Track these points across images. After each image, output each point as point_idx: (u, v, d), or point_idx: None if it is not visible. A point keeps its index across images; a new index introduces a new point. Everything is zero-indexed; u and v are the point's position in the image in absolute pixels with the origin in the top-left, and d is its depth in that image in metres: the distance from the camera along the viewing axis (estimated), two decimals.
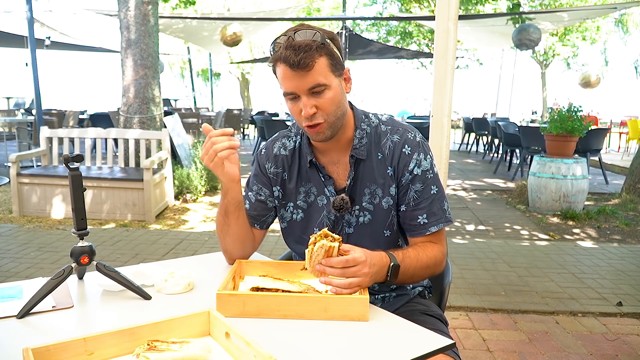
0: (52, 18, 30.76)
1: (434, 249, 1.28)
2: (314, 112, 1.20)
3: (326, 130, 1.24)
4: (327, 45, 1.19)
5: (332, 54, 1.20)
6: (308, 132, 1.26)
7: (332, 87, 1.21)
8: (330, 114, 1.22)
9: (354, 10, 21.53)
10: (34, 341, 0.86)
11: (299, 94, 1.19)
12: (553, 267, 3.65)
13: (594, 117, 11.60)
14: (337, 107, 1.23)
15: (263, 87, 32.82)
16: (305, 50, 1.14)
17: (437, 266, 1.29)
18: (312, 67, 1.16)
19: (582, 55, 20.47)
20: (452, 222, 1.32)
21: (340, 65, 1.23)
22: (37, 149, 5.60)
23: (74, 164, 1.14)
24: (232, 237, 1.34)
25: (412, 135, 1.33)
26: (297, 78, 1.17)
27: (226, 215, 1.32)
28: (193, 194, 5.72)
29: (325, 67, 1.19)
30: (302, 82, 1.17)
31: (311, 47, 1.15)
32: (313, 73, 1.17)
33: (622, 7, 11.69)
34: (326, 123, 1.23)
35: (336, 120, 1.25)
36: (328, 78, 1.20)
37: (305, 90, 1.18)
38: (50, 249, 3.89)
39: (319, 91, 1.19)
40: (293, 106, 1.23)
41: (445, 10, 2.71)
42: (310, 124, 1.22)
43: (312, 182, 1.35)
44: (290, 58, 1.14)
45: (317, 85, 1.18)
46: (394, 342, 0.97)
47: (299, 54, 1.14)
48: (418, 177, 1.29)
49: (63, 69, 38.73)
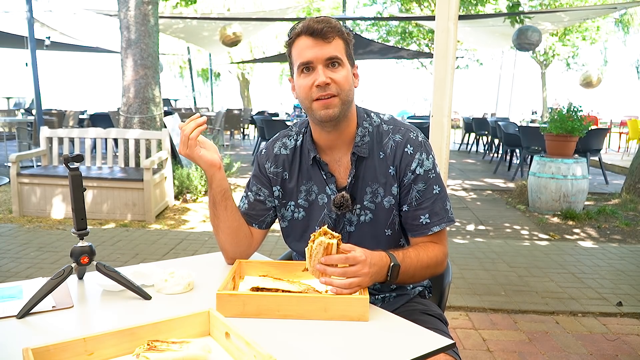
0: (52, 18, 30.79)
1: (435, 249, 1.28)
2: (329, 82, 1.22)
3: (336, 107, 1.23)
4: (344, 33, 1.26)
5: (348, 43, 1.27)
6: (317, 108, 1.24)
7: (346, 67, 1.25)
8: (343, 90, 1.24)
9: (354, 10, 21.53)
10: (34, 341, 0.86)
11: (316, 63, 1.22)
12: (553, 267, 3.65)
13: (594, 117, 11.59)
14: (349, 89, 1.26)
15: (263, 87, 32.84)
16: (327, 23, 1.22)
17: (438, 266, 1.29)
18: (331, 40, 1.22)
19: (582, 55, 20.46)
20: (454, 222, 1.33)
21: (352, 58, 1.29)
22: (37, 149, 5.60)
23: (74, 164, 1.14)
24: (224, 230, 1.35)
25: (415, 134, 1.33)
26: (317, 47, 1.22)
27: (214, 207, 1.33)
28: (193, 194, 5.72)
29: (342, 48, 1.25)
30: (321, 51, 1.21)
31: (332, 23, 1.23)
32: (332, 46, 1.22)
33: (622, 7, 11.68)
34: (338, 98, 1.23)
35: (347, 101, 1.25)
36: (344, 58, 1.25)
37: (323, 59, 1.22)
38: (50, 249, 3.89)
39: (335, 64, 1.23)
40: (306, 79, 1.24)
41: (445, 10, 2.71)
42: (324, 93, 1.22)
43: (313, 181, 1.35)
44: (312, 27, 1.21)
45: (335, 57, 1.22)
46: (394, 342, 0.97)
47: (322, 24, 1.21)
48: (420, 177, 1.29)
49: (63, 69, 38.79)
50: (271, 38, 20.86)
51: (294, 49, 1.25)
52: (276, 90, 30.18)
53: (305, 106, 1.27)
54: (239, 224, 1.36)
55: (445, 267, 1.33)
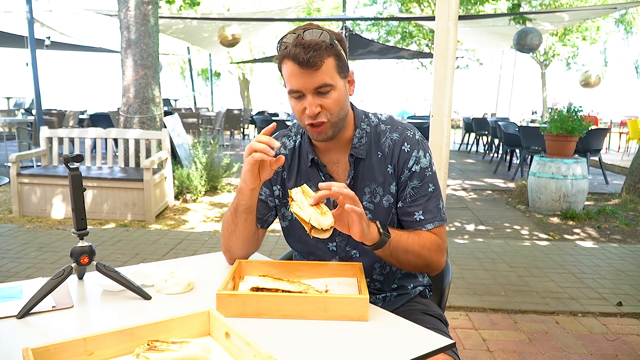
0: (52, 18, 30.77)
1: (431, 236, 1.28)
2: (319, 111, 1.21)
3: (328, 130, 1.24)
4: (335, 47, 1.20)
5: (340, 56, 1.22)
6: (310, 132, 1.26)
7: (337, 88, 1.22)
8: (333, 114, 1.23)
9: (354, 10, 21.51)
10: (34, 341, 0.86)
11: (305, 92, 1.20)
12: (553, 267, 3.65)
13: (594, 117, 11.59)
14: (340, 109, 1.24)
15: (263, 87, 32.85)
16: (315, 49, 1.15)
17: (435, 252, 1.27)
18: (320, 66, 1.17)
19: (582, 55, 20.47)
20: (446, 222, 1.32)
21: (345, 67, 1.25)
22: (37, 149, 5.60)
23: (73, 164, 1.14)
24: (238, 237, 1.34)
25: (412, 133, 1.33)
26: (305, 76, 1.18)
27: (236, 216, 1.32)
28: (193, 194, 5.72)
29: (333, 67, 1.20)
30: (309, 80, 1.18)
31: (320, 46, 1.16)
32: (320, 73, 1.18)
33: (622, 7, 11.68)
34: (329, 123, 1.23)
35: (339, 121, 1.25)
36: (334, 79, 1.21)
37: (312, 89, 1.19)
38: (50, 249, 3.89)
39: (324, 91, 1.20)
40: (297, 104, 1.23)
41: (445, 10, 2.71)
42: (314, 122, 1.22)
43: (311, 182, 1.35)
44: (299, 56, 1.15)
45: (323, 85, 1.19)
46: (394, 342, 0.97)
47: (308, 52, 1.15)
48: (416, 174, 1.29)
49: (63, 69, 38.76)
50: (271, 38, 20.85)
51: (283, 68, 1.22)
52: (276, 90, 30.20)
53: (301, 125, 1.29)
54: (253, 234, 1.36)
55: (444, 262, 1.32)
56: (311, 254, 1.39)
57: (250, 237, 1.36)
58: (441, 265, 1.31)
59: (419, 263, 1.28)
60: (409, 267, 1.30)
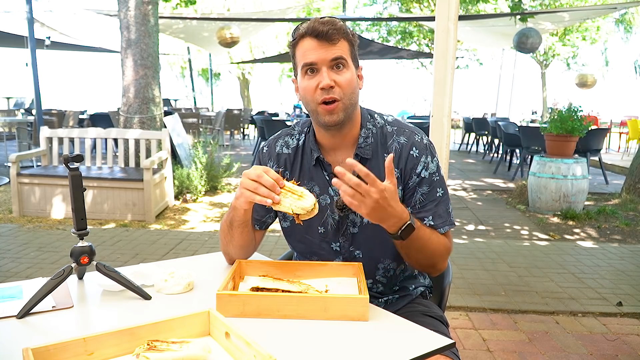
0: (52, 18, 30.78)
1: (444, 240, 1.29)
2: (332, 85, 1.21)
3: (340, 112, 1.23)
4: (349, 34, 1.25)
5: (352, 44, 1.26)
6: (321, 113, 1.23)
7: (350, 69, 1.24)
8: (346, 94, 1.23)
9: (354, 10, 21.53)
10: (34, 341, 0.86)
11: (321, 65, 1.21)
12: (553, 267, 3.65)
13: (594, 117, 11.58)
14: (352, 92, 1.25)
15: (263, 87, 32.83)
16: (332, 25, 1.21)
17: (442, 257, 1.28)
18: (337, 42, 1.21)
19: (582, 55, 20.47)
20: (454, 225, 1.32)
21: (357, 59, 1.29)
22: (37, 149, 5.60)
23: (73, 164, 1.14)
24: (235, 245, 1.34)
25: (420, 137, 1.32)
26: (321, 48, 1.21)
27: (231, 227, 1.31)
28: (193, 194, 5.72)
29: (347, 50, 1.24)
30: (326, 53, 1.20)
31: (337, 24, 1.22)
32: (336, 47, 1.21)
33: (622, 7, 11.68)
34: (341, 103, 1.23)
35: (350, 105, 1.25)
36: (348, 59, 1.24)
37: (328, 61, 1.21)
38: (50, 249, 3.89)
39: (339, 65, 1.22)
40: (310, 81, 1.23)
41: (445, 10, 2.71)
42: (327, 97, 1.21)
43: (315, 181, 1.35)
44: (317, 28, 1.20)
45: (339, 58, 1.21)
46: (394, 342, 0.97)
47: (326, 26, 1.20)
48: (425, 180, 1.29)
49: (63, 69, 38.75)
50: (271, 38, 20.87)
51: (297, 50, 1.24)
52: (276, 90, 30.22)
53: (310, 108, 1.26)
54: (250, 241, 1.36)
55: (445, 266, 1.33)
56: (314, 254, 1.38)
57: (248, 243, 1.36)
58: (443, 268, 1.33)
59: (427, 263, 1.28)
60: (417, 264, 1.30)
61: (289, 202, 1.12)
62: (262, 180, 1.12)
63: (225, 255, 1.40)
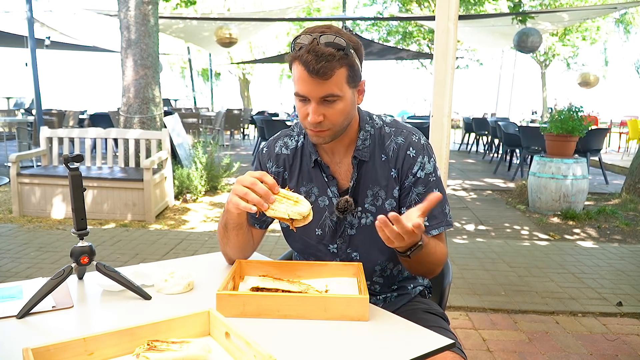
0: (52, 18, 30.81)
1: (443, 248, 1.29)
2: (321, 120, 1.19)
3: (327, 137, 1.24)
4: (349, 57, 1.16)
5: (353, 66, 1.18)
6: (309, 134, 1.26)
7: (344, 99, 1.19)
8: (336, 124, 1.21)
9: (354, 10, 21.52)
10: (34, 341, 0.86)
11: (311, 99, 1.18)
12: (553, 267, 3.65)
13: (594, 117, 11.59)
14: (344, 119, 1.23)
15: (263, 87, 32.83)
16: (328, 60, 1.12)
17: (440, 264, 1.29)
18: (329, 77, 1.14)
19: (582, 55, 20.47)
20: (452, 226, 1.32)
21: (358, 77, 1.22)
22: (37, 149, 5.59)
23: (73, 164, 1.14)
24: (232, 247, 1.34)
25: (417, 137, 1.32)
26: (312, 84, 1.15)
27: (226, 229, 1.31)
28: (193, 194, 5.72)
29: (343, 78, 1.17)
30: (316, 89, 1.15)
31: (334, 57, 1.13)
32: (329, 83, 1.15)
33: (622, 7, 11.69)
34: (330, 131, 1.22)
35: (341, 129, 1.24)
36: (342, 89, 1.18)
37: (318, 98, 1.17)
38: (50, 249, 3.89)
39: (330, 101, 1.18)
40: (301, 107, 1.22)
41: (445, 10, 2.71)
42: (314, 130, 1.22)
43: (313, 182, 1.35)
44: (310, 64, 1.12)
45: (330, 95, 1.17)
46: (394, 341, 0.97)
47: (319, 62, 1.11)
48: (421, 180, 1.29)
49: (63, 69, 38.71)
50: (271, 38, 20.88)
51: (293, 68, 1.20)
52: (276, 90, 30.18)
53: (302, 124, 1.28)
54: (247, 241, 1.36)
55: (439, 270, 1.33)
56: (312, 255, 1.39)
57: (245, 244, 1.35)
58: (438, 273, 1.33)
59: (425, 271, 1.30)
60: (416, 272, 1.32)
61: (284, 207, 1.12)
62: (255, 188, 1.11)
63: (224, 255, 1.40)
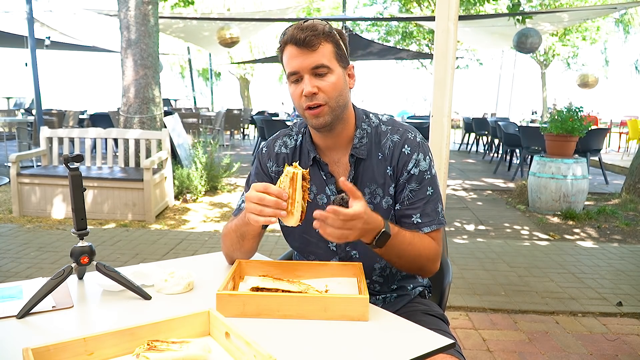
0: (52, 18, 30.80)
1: (431, 243, 1.26)
2: (315, 92, 1.21)
3: (326, 116, 1.23)
4: (333, 35, 1.23)
5: (338, 45, 1.25)
6: (308, 118, 1.25)
7: (335, 72, 1.23)
8: (331, 98, 1.23)
9: (354, 10, 21.52)
10: (34, 341, 0.86)
11: (303, 73, 1.21)
12: (553, 267, 3.65)
13: (594, 117, 11.58)
14: (339, 94, 1.24)
15: (263, 87, 32.83)
16: (312, 30, 1.19)
17: (430, 260, 1.27)
18: (317, 47, 1.20)
19: (582, 55, 20.46)
20: (444, 225, 1.31)
21: (345, 58, 1.27)
22: (37, 149, 5.60)
23: (74, 164, 1.14)
24: (244, 251, 1.35)
25: (412, 135, 1.33)
26: (302, 57, 1.20)
27: (242, 238, 1.31)
28: (193, 194, 5.72)
29: (330, 52, 1.23)
30: (306, 60, 1.20)
31: (317, 29, 1.20)
32: (317, 54, 1.20)
33: (622, 7, 11.68)
34: (327, 107, 1.23)
35: (337, 107, 1.24)
36: (332, 63, 1.23)
37: (309, 69, 1.20)
38: (50, 249, 3.89)
39: (322, 73, 1.21)
40: (295, 89, 1.24)
41: (445, 10, 2.71)
42: (311, 104, 1.22)
43: (312, 181, 1.35)
44: (296, 36, 1.19)
45: (320, 66, 1.21)
46: (394, 342, 0.97)
47: (305, 32, 1.19)
48: (415, 177, 1.29)
49: (63, 69, 38.72)
50: (271, 38, 20.85)
51: (283, 57, 1.25)
52: (276, 90, 30.17)
53: (300, 113, 1.29)
54: (258, 243, 1.37)
55: (437, 268, 1.31)
56: (311, 253, 1.39)
57: (256, 247, 1.37)
58: (434, 271, 1.31)
59: (412, 267, 1.27)
60: (403, 268, 1.30)
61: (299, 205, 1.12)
62: (264, 203, 1.11)
63: (226, 257, 1.40)
